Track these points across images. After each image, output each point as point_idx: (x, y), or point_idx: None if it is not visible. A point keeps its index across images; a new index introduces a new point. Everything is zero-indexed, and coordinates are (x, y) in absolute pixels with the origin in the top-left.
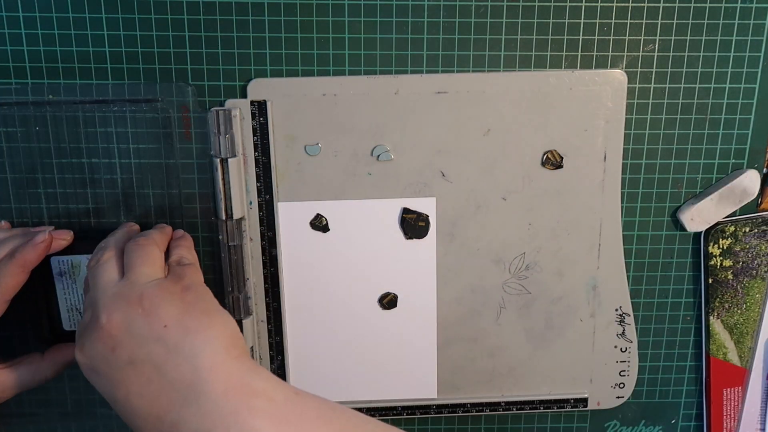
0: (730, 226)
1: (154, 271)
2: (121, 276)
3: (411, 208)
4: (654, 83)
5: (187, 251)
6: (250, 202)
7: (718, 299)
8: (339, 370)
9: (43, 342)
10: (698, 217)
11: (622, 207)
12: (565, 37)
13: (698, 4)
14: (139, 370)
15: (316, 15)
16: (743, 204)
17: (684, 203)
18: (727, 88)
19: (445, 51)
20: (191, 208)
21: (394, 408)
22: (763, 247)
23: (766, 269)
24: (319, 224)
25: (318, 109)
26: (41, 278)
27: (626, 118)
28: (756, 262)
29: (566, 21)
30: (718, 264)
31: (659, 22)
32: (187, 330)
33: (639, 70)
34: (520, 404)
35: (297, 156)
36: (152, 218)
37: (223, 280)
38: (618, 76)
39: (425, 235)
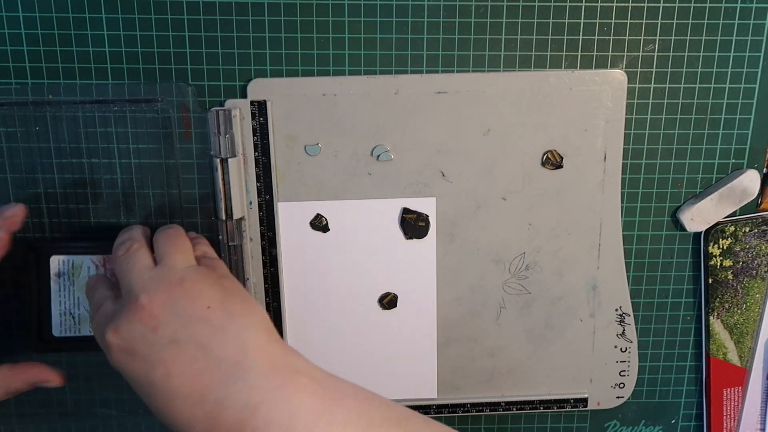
0: (730, 226)
1: (188, 258)
2: (154, 263)
3: (411, 208)
4: (654, 83)
5: (207, 247)
6: (250, 202)
7: (718, 299)
8: (339, 370)
9: (30, 348)
10: (698, 217)
11: (622, 207)
12: (565, 37)
13: (698, 4)
14: (183, 348)
15: (316, 15)
16: (743, 204)
17: (684, 203)
18: (727, 88)
19: (445, 51)
20: (191, 208)
21: None
22: (763, 247)
23: (766, 269)
24: (319, 224)
25: (318, 109)
26: (36, 278)
27: (626, 118)
28: (756, 262)
29: (566, 21)
30: (718, 264)
31: (659, 22)
32: (230, 312)
33: (639, 70)
34: (520, 404)
35: (297, 156)
36: (152, 218)
37: None
38: (618, 76)
39: (425, 235)
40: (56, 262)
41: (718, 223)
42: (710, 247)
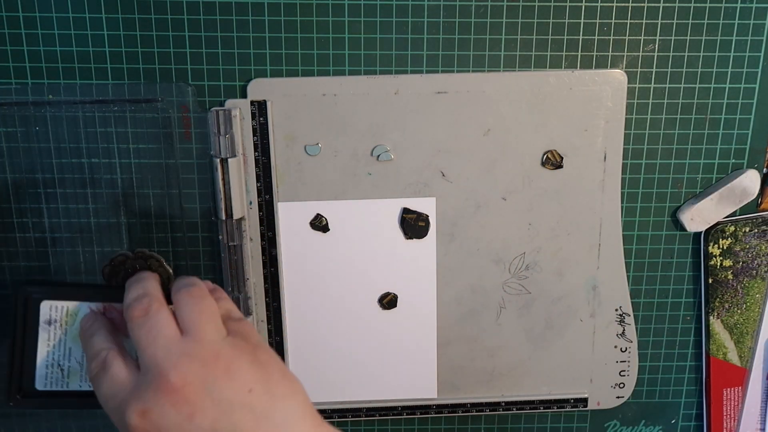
0: (730, 226)
1: (219, 328)
2: (179, 331)
3: (411, 208)
4: (654, 83)
5: (229, 303)
6: (250, 202)
7: (718, 299)
8: (339, 370)
9: (9, 401)
10: (698, 217)
11: (622, 207)
12: (565, 37)
13: (698, 4)
14: None
15: (316, 15)
16: (743, 204)
17: (684, 203)
18: (727, 88)
19: (445, 51)
20: (191, 208)
21: (394, 408)
22: (763, 247)
23: (766, 269)
24: (319, 224)
25: (318, 109)
26: (23, 323)
27: (626, 118)
28: (756, 262)
29: (566, 21)
30: (718, 264)
31: (659, 22)
32: (273, 396)
33: (639, 70)
34: (520, 404)
35: (297, 156)
36: (152, 218)
37: (223, 280)
38: (618, 76)
39: (425, 235)
40: (47, 307)
41: (718, 223)
42: (710, 247)
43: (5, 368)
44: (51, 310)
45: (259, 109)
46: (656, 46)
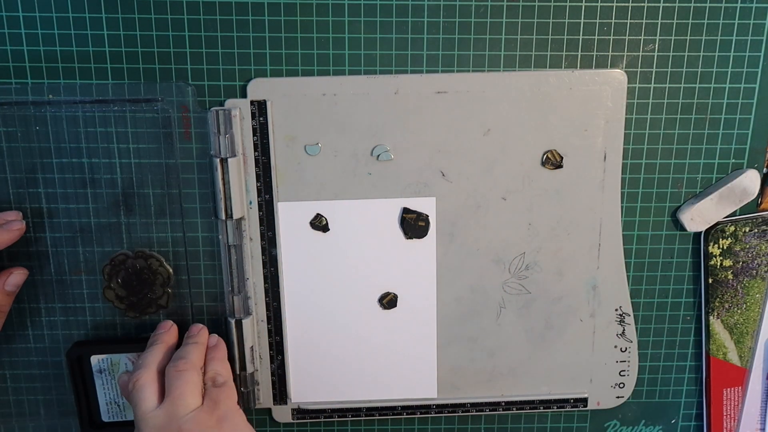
0: (730, 226)
1: (192, 401)
2: (159, 401)
3: (411, 208)
4: (654, 83)
5: (220, 365)
6: (250, 202)
7: (718, 299)
8: (339, 370)
9: None
10: (698, 217)
11: (622, 207)
12: (565, 37)
13: (698, 4)
14: None
15: (316, 15)
16: (743, 204)
17: (684, 203)
18: (727, 88)
19: (445, 51)
20: (191, 208)
21: (394, 408)
22: (763, 247)
23: (766, 269)
24: (319, 224)
25: (318, 109)
26: (80, 374)
27: (626, 118)
28: (756, 262)
29: (566, 21)
30: (718, 264)
31: (659, 22)
32: None
33: (639, 70)
34: (520, 404)
35: (297, 156)
36: (152, 218)
37: (223, 280)
38: (618, 76)
39: (425, 235)
40: (96, 360)
41: (718, 223)
42: (710, 247)
43: (77, 410)
44: (99, 362)
45: (259, 108)
46: (656, 46)
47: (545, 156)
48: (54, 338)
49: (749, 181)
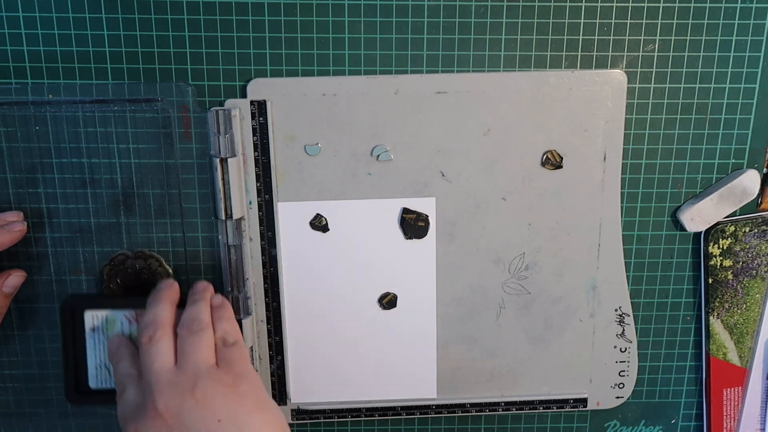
0: (730, 226)
1: (207, 358)
2: (174, 360)
3: (411, 208)
4: (654, 83)
5: (229, 324)
6: (250, 202)
7: (718, 299)
8: (339, 370)
9: (68, 399)
10: (698, 217)
11: (622, 207)
12: (565, 37)
13: (698, 4)
14: None
15: (316, 15)
16: (743, 204)
17: (684, 203)
18: (727, 88)
19: (445, 51)
20: (191, 208)
21: (394, 408)
22: (763, 247)
23: (766, 269)
24: (319, 224)
25: (318, 109)
26: (72, 332)
27: (626, 118)
28: (756, 262)
29: (566, 21)
30: (718, 264)
31: (659, 22)
32: (240, 427)
33: (639, 70)
34: (520, 404)
35: (297, 156)
36: (152, 218)
37: (223, 280)
38: (618, 76)
39: (425, 235)
40: (90, 317)
41: (718, 223)
42: (710, 247)
43: (63, 372)
44: (93, 319)
45: (259, 108)
46: (656, 46)
47: (545, 156)
48: (53, 338)
49: (749, 181)
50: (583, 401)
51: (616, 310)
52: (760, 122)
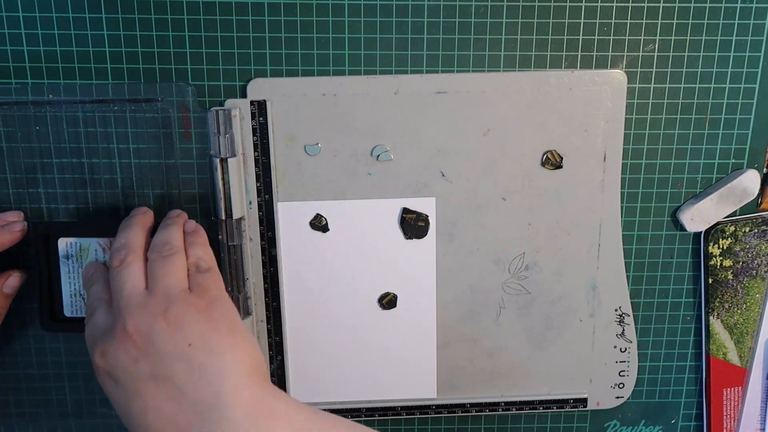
0: (730, 226)
1: (179, 282)
2: (145, 283)
3: (411, 208)
4: (654, 83)
5: (202, 250)
6: (250, 202)
7: (718, 299)
8: (339, 370)
9: (42, 327)
10: (698, 217)
11: (622, 207)
12: (565, 37)
13: (698, 4)
14: (161, 386)
15: (316, 15)
16: (743, 204)
17: (684, 203)
18: (727, 88)
19: (445, 51)
20: (191, 208)
21: (394, 408)
22: (763, 247)
23: (766, 269)
24: (319, 224)
25: (318, 109)
26: (46, 260)
27: (626, 118)
28: (756, 262)
29: (566, 21)
30: (718, 264)
31: (659, 22)
32: (212, 351)
33: (639, 70)
34: (520, 404)
35: (297, 156)
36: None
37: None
38: (618, 76)
39: (425, 235)
40: (64, 244)
41: (718, 223)
42: (710, 247)
43: (38, 299)
44: (67, 246)
45: (259, 108)
46: (656, 46)
47: (545, 156)
48: (53, 338)
49: (749, 181)
50: (583, 401)
51: (616, 310)
52: (760, 122)
